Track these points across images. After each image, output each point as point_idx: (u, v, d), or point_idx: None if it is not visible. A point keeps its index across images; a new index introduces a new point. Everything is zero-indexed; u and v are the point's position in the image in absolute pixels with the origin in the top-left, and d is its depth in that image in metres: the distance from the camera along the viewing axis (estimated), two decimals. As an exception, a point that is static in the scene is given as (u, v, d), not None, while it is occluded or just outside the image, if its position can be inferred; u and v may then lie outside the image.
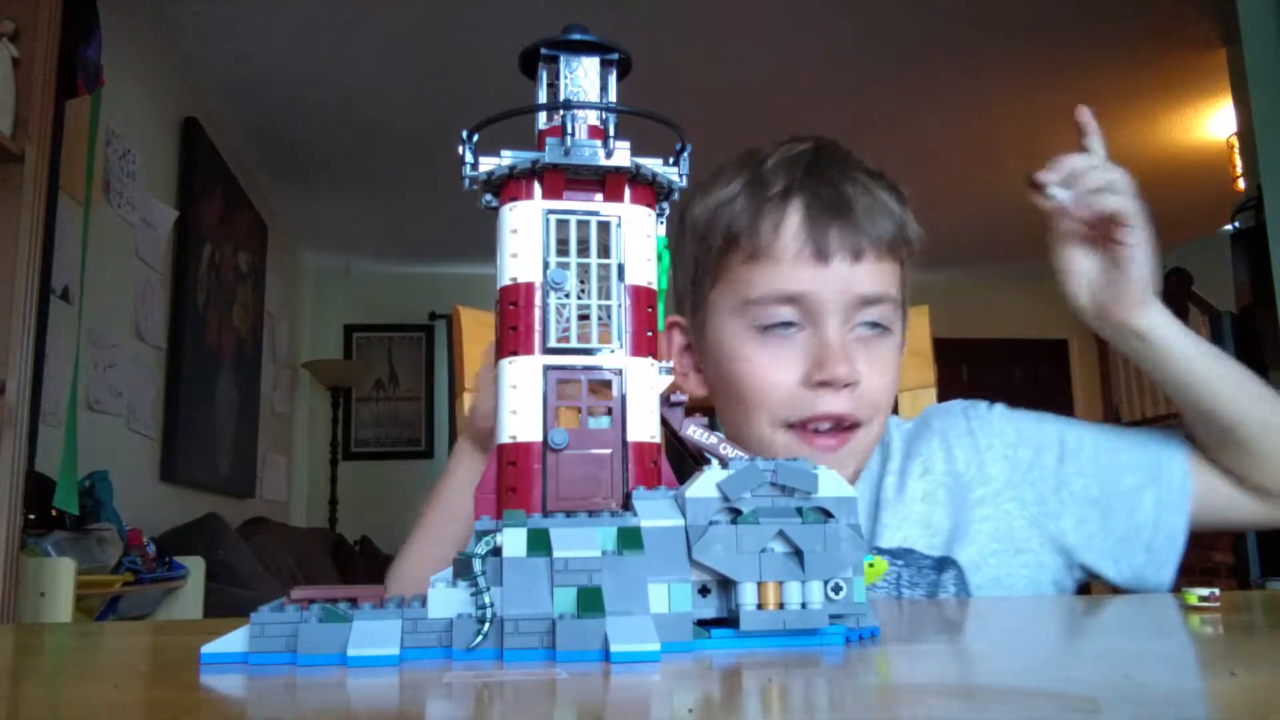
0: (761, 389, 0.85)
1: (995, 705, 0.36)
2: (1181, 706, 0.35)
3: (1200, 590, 0.64)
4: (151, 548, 2.38)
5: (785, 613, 0.46)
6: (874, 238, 0.84)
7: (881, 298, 0.86)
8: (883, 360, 0.87)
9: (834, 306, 0.84)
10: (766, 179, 0.87)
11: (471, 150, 0.52)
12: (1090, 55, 3.74)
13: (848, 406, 0.84)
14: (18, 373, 1.75)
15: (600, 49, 0.53)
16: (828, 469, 0.49)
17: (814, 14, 3.43)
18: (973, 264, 6.45)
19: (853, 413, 0.84)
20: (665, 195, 0.55)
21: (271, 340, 4.87)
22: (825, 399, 0.83)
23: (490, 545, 0.45)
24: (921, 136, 4.44)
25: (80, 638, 0.69)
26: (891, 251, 0.87)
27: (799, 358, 0.84)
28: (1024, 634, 0.61)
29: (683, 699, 0.37)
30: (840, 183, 0.86)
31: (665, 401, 0.53)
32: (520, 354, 0.50)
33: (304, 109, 4.05)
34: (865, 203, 0.85)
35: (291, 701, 0.39)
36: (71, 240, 2.37)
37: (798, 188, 0.85)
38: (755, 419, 0.86)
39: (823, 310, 0.83)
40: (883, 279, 0.86)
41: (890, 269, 0.87)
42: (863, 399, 0.84)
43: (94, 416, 2.75)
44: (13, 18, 1.82)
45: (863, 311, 0.85)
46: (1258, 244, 2.72)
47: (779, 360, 0.84)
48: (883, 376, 0.86)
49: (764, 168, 0.88)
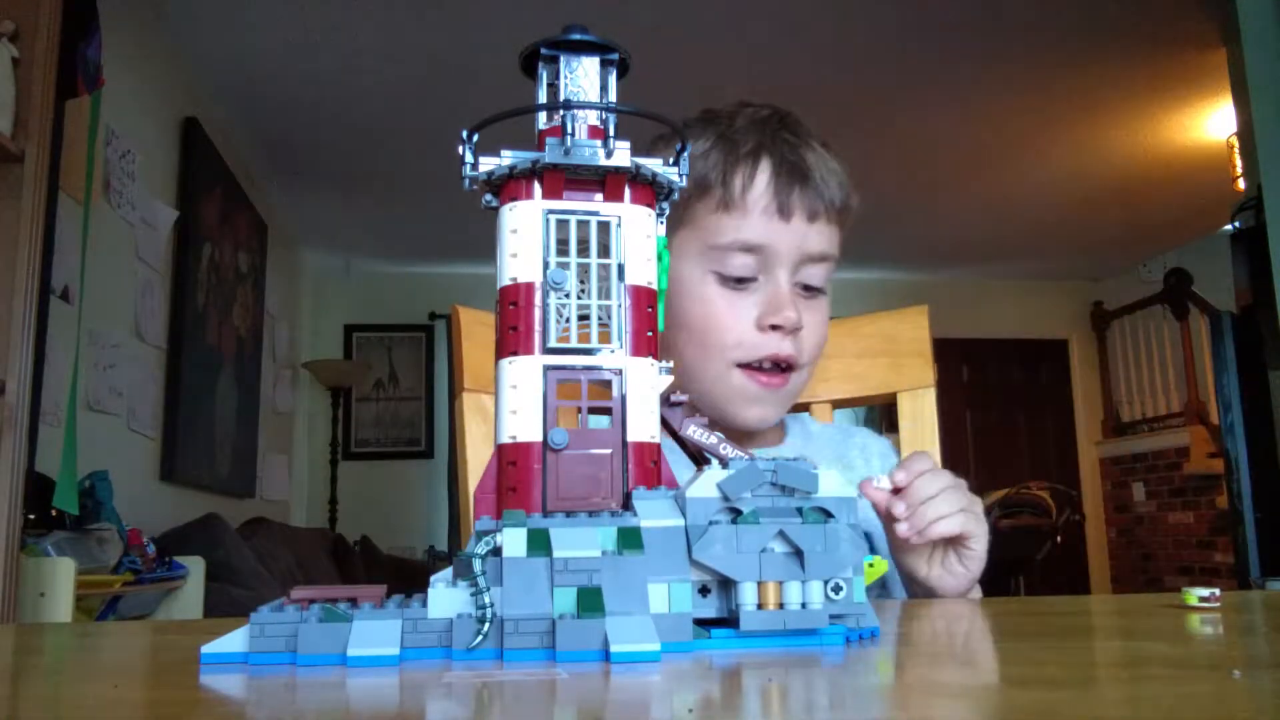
0: (719, 331, 0.94)
1: (994, 705, 0.36)
2: (1182, 707, 0.35)
3: (1200, 590, 0.64)
4: (151, 548, 2.38)
5: (785, 613, 0.46)
6: (827, 202, 0.95)
7: (826, 256, 0.96)
8: (818, 314, 0.98)
9: (787, 260, 0.94)
10: (737, 137, 0.96)
11: (471, 150, 0.52)
12: (1090, 55, 3.74)
13: (791, 349, 0.94)
14: (18, 373, 1.75)
15: (600, 49, 0.53)
16: (827, 470, 0.49)
17: (813, 14, 3.43)
18: (973, 264, 6.45)
19: (794, 355, 0.94)
20: (665, 195, 0.55)
21: (271, 340, 4.87)
22: (773, 341, 0.93)
23: (490, 545, 0.45)
24: (921, 136, 4.44)
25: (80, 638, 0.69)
26: (839, 216, 0.97)
27: (753, 304, 0.94)
28: (1023, 634, 0.61)
29: (683, 699, 0.37)
30: (802, 149, 0.96)
31: (665, 401, 0.53)
32: (520, 354, 0.50)
33: (304, 109, 4.05)
34: (822, 170, 0.95)
35: (291, 701, 0.39)
36: (71, 240, 2.37)
37: (766, 150, 0.95)
38: (711, 357, 0.95)
39: (778, 262, 0.94)
40: (829, 240, 0.96)
41: (835, 232, 0.97)
42: (801, 345, 0.95)
43: (94, 416, 2.75)
44: (13, 18, 1.82)
45: (809, 268, 0.95)
46: (1258, 244, 2.72)
47: (736, 306, 0.94)
48: (818, 329, 0.97)
49: (734, 127, 0.97)
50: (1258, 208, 2.75)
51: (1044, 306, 6.83)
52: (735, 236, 0.93)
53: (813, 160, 0.95)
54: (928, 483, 0.80)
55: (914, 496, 0.79)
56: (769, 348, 0.93)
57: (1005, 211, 5.45)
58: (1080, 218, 5.54)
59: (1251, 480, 2.99)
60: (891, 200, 5.12)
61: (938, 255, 6.26)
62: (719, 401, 0.96)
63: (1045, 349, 6.87)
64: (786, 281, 0.93)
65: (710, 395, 0.97)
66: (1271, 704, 0.35)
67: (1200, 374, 5.50)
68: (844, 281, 7.08)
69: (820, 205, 0.94)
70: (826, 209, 0.94)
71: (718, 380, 0.95)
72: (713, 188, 0.94)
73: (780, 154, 0.94)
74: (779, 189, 0.93)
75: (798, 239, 0.93)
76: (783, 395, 0.96)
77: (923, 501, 0.79)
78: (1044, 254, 6.26)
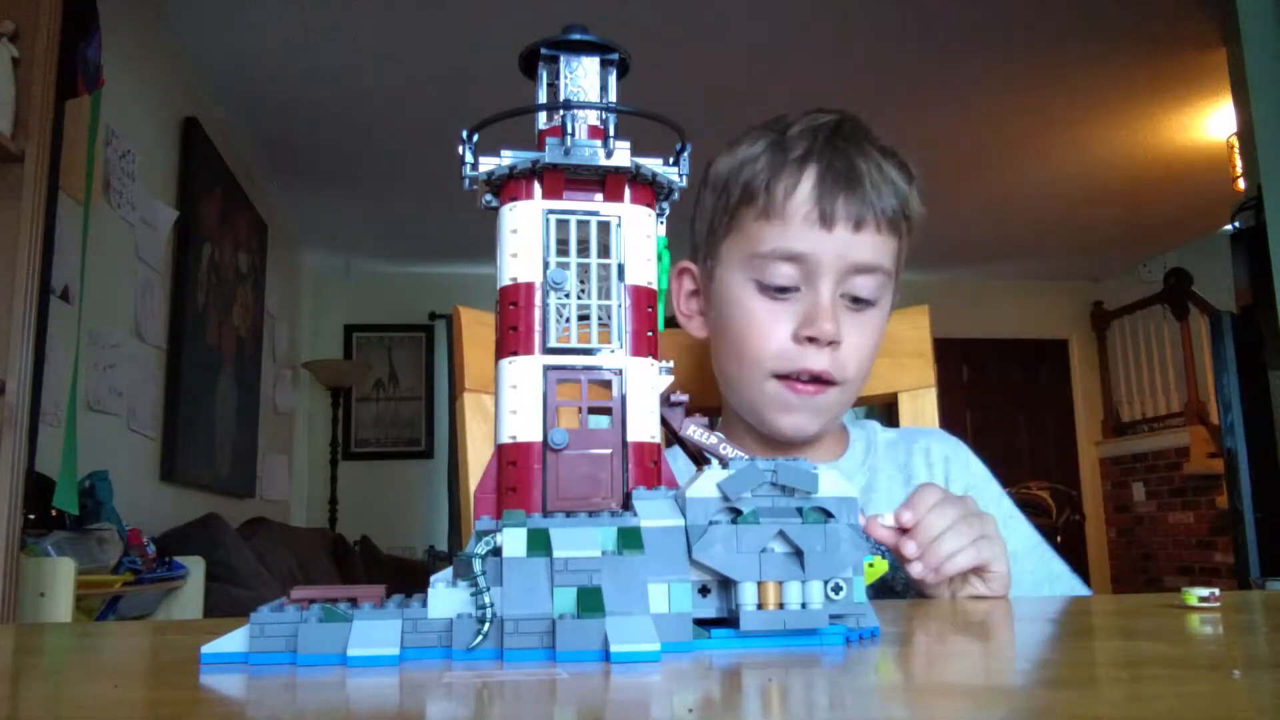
0: (758, 341, 0.92)
1: (994, 705, 0.36)
2: (1182, 707, 0.35)
3: (1200, 590, 0.64)
4: (151, 548, 2.38)
5: (785, 613, 0.46)
6: (877, 210, 0.91)
7: (875, 267, 0.92)
8: (865, 328, 0.94)
9: (830, 270, 0.90)
10: (789, 144, 0.93)
11: (471, 150, 0.52)
12: (1090, 55, 3.74)
13: (828, 364, 0.91)
14: (18, 373, 1.75)
15: (600, 49, 0.53)
16: (828, 470, 0.49)
17: (813, 14, 3.43)
18: (973, 264, 6.45)
19: (830, 370, 0.91)
20: (665, 195, 0.55)
21: (271, 340, 4.87)
22: (809, 354, 0.91)
23: (490, 545, 0.45)
24: (921, 136, 4.44)
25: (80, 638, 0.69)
26: (891, 226, 0.93)
27: (793, 315, 0.91)
28: (1023, 634, 0.61)
29: (683, 699, 0.37)
30: (854, 155, 0.92)
31: (665, 401, 0.53)
32: (520, 354, 0.50)
33: (304, 109, 4.05)
34: (873, 177, 0.91)
35: (291, 701, 0.38)
36: (71, 240, 2.37)
37: (815, 155, 0.92)
38: (748, 367, 0.93)
39: (820, 272, 0.90)
40: (879, 250, 0.92)
41: (888, 242, 0.93)
42: (841, 360, 0.92)
43: (94, 416, 2.75)
44: (13, 18, 1.82)
45: (856, 279, 0.92)
46: (1258, 244, 2.72)
47: (775, 316, 0.92)
48: (863, 342, 0.94)
49: (788, 133, 0.94)
50: (1258, 208, 2.75)
51: (1044, 306, 6.83)
52: (776, 245, 0.91)
53: (864, 167, 0.91)
54: (937, 518, 0.77)
55: (924, 535, 0.76)
56: (804, 360, 0.91)
57: (1005, 211, 5.45)
58: (1080, 218, 5.54)
59: (1251, 480, 2.99)
60: (891, 200, 5.10)
61: (938, 255, 6.25)
62: (758, 409, 0.95)
63: (1045, 349, 6.87)
64: (829, 293, 0.90)
65: (750, 404, 0.96)
66: (1271, 704, 0.35)
67: (1200, 374, 5.50)
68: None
69: (869, 213, 0.90)
70: (876, 218, 0.91)
71: (756, 389, 0.94)
72: (758, 195, 0.92)
73: (828, 161, 0.91)
74: (822, 196, 0.90)
75: (841, 248, 0.90)
76: (819, 405, 0.93)
77: (934, 539, 0.76)
78: (1044, 254, 6.26)
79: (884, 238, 0.92)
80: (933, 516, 0.77)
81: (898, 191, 0.93)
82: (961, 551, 0.76)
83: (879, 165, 0.92)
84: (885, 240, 0.93)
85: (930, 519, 0.77)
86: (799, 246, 0.90)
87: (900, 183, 0.94)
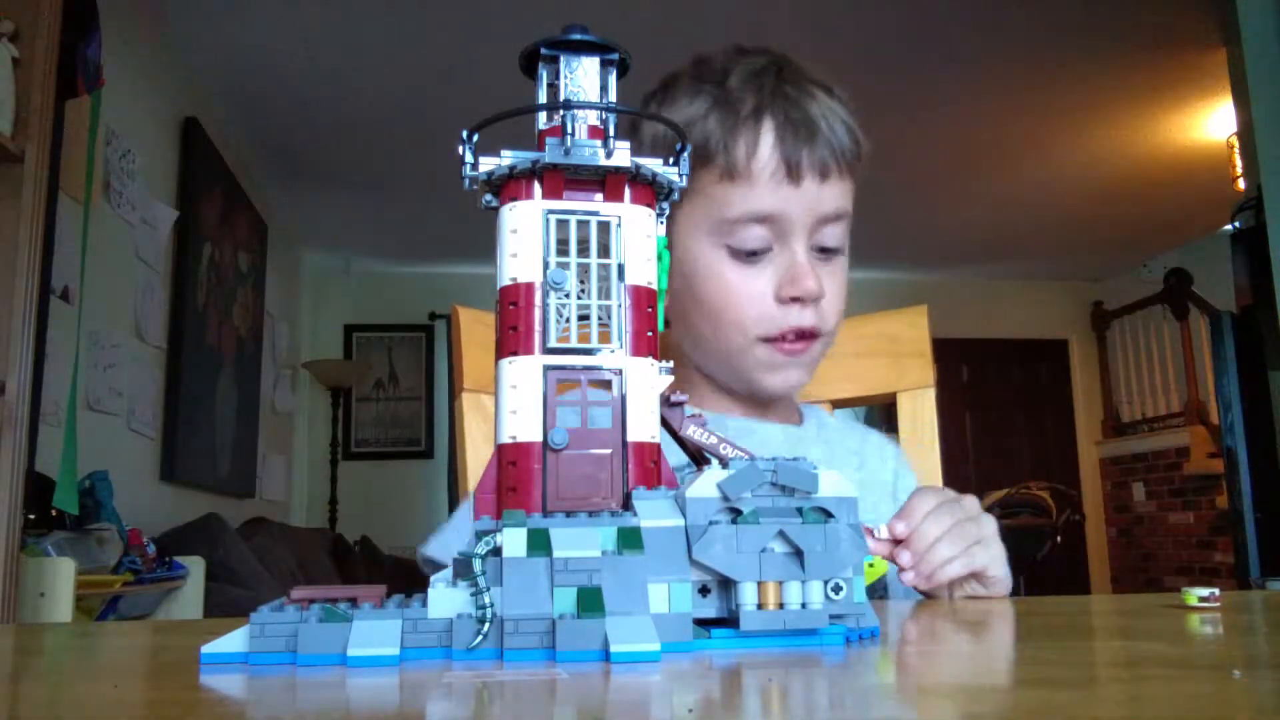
0: (738, 308, 0.91)
1: (994, 705, 0.36)
2: (1182, 707, 0.35)
3: (1200, 590, 0.64)
4: (151, 548, 2.38)
5: (785, 613, 0.46)
6: (838, 153, 0.90)
7: (842, 214, 0.92)
8: (836, 276, 0.94)
9: (802, 225, 0.89)
10: (734, 98, 0.90)
11: (471, 150, 0.52)
12: (1090, 55, 3.74)
13: (813, 319, 0.91)
14: (18, 373, 1.75)
15: (600, 49, 0.53)
16: (829, 472, 0.49)
17: (813, 14, 3.43)
18: (973, 264, 6.45)
19: (816, 325, 0.91)
20: (665, 195, 0.55)
21: (271, 340, 4.87)
22: (794, 313, 0.90)
23: (490, 545, 0.45)
24: (921, 136, 4.44)
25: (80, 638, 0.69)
26: (850, 168, 0.92)
27: (770, 276, 0.90)
28: (1023, 634, 0.61)
29: (683, 699, 0.37)
30: (806, 102, 0.90)
31: (665, 401, 0.53)
32: (520, 354, 0.50)
33: (304, 108, 4.05)
34: (829, 119, 0.90)
35: (291, 701, 0.39)
36: (71, 240, 2.37)
37: (768, 108, 0.89)
38: (730, 334, 0.92)
39: (792, 230, 0.89)
40: (844, 195, 0.92)
41: (848, 186, 0.93)
42: (823, 312, 0.92)
43: (94, 416, 2.75)
44: (13, 18, 1.82)
45: (825, 229, 0.91)
46: (1258, 244, 2.72)
47: (751, 281, 0.90)
48: (838, 292, 0.94)
49: (728, 85, 0.91)
50: (1258, 208, 2.75)
51: (1044, 306, 6.83)
52: (745, 208, 0.88)
53: (817, 111, 0.89)
54: (931, 525, 0.76)
55: (918, 544, 0.76)
56: (790, 320, 0.90)
57: (1005, 211, 5.45)
58: (1080, 218, 5.54)
59: (1251, 480, 2.99)
60: (892, 200, 5.12)
61: (938, 255, 6.26)
62: (743, 372, 0.94)
63: (1045, 349, 6.87)
64: (803, 249, 0.89)
65: (733, 367, 0.94)
66: (1271, 704, 0.35)
67: (1200, 374, 5.50)
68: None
69: (831, 159, 0.89)
70: (838, 162, 0.89)
71: (740, 353, 0.92)
72: (715, 156, 0.89)
73: (784, 112, 0.89)
74: (786, 151, 0.88)
75: (810, 201, 0.89)
76: (806, 360, 0.93)
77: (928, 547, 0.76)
78: (1044, 254, 6.26)
79: (845, 181, 0.92)
80: (927, 524, 0.76)
81: (850, 130, 0.91)
82: (955, 559, 0.76)
83: (829, 106, 0.91)
84: (847, 183, 0.92)
85: (925, 527, 0.76)
86: (769, 206, 0.88)
87: (848, 117, 0.92)
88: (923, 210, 5.38)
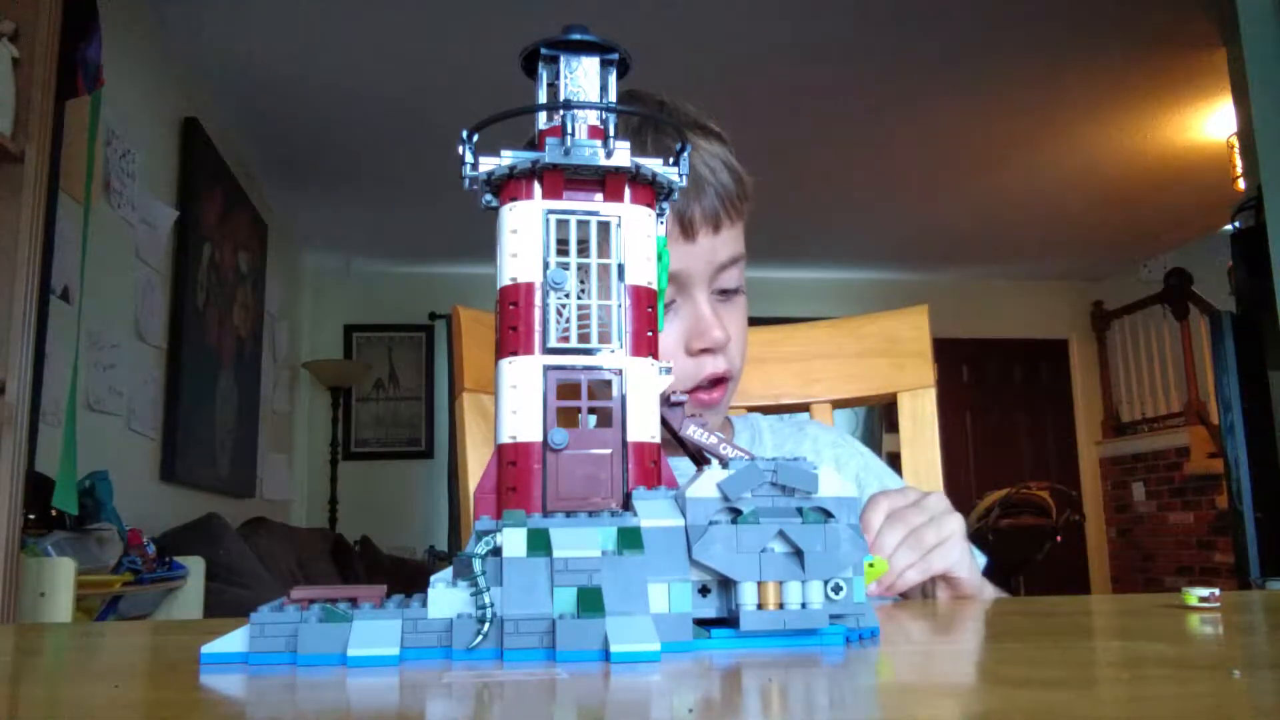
0: None
1: (994, 705, 0.36)
2: (1182, 707, 0.35)
3: (1200, 590, 0.64)
4: (151, 548, 2.38)
5: (785, 613, 0.46)
6: (725, 199, 0.90)
7: (737, 258, 0.93)
8: (737, 319, 0.96)
9: (701, 277, 0.91)
10: None
11: (471, 150, 0.52)
12: (1090, 55, 3.75)
13: (724, 365, 0.93)
14: (18, 373, 1.75)
15: (600, 49, 0.53)
16: (828, 470, 0.49)
17: (813, 14, 3.43)
18: (973, 264, 6.45)
19: (728, 370, 0.93)
20: (665, 195, 0.55)
21: (271, 340, 4.87)
22: (707, 363, 0.92)
23: (490, 545, 0.45)
24: (921, 136, 4.44)
25: (80, 638, 0.69)
26: (738, 210, 0.93)
27: (678, 329, 0.91)
28: (1023, 634, 0.61)
29: (683, 699, 0.37)
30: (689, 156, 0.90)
31: (665, 401, 0.53)
32: (520, 354, 0.50)
33: (304, 109, 4.05)
34: (711, 165, 0.90)
35: (291, 701, 0.39)
36: (71, 240, 2.37)
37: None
38: None
39: (692, 283, 0.91)
40: (736, 240, 0.93)
41: (738, 228, 0.94)
42: (730, 355, 0.93)
43: (94, 416, 2.75)
44: (13, 18, 1.82)
45: (723, 275, 0.93)
46: (1258, 244, 2.72)
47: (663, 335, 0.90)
48: (740, 330, 0.96)
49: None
50: (1258, 208, 2.75)
51: (1044, 306, 6.83)
52: None
53: (698, 161, 0.89)
54: (886, 536, 0.77)
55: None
56: (705, 370, 0.91)
57: (1005, 211, 5.45)
58: (1080, 218, 5.54)
59: (1251, 480, 2.99)
60: (891, 200, 5.12)
61: (938, 255, 6.25)
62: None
63: (1045, 349, 6.87)
64: (705, 299, 0.91)
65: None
66: (1271, 704, 0.35)
67: (1200, 374, 5.50)
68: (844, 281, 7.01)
69: (720, 208, 0.89)
70: (727, 209, 0.90)
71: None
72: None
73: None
74: (677, 210, 0.87)
75: (707, 254, 0.90)
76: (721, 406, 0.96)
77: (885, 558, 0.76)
78: (1044, 254, 6.26)
79: (736, 225, 0.93)
80: (882, 535, 0.77)
81: (731, 169, 0.91)
82: (913, 567, 0.77)
83: (709, 151, 0.90)
84: (737, 226, 0.93)
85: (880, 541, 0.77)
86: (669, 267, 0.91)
87: (728, 156, 0.92)
88: (923, 210, 5.38)
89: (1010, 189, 5.11)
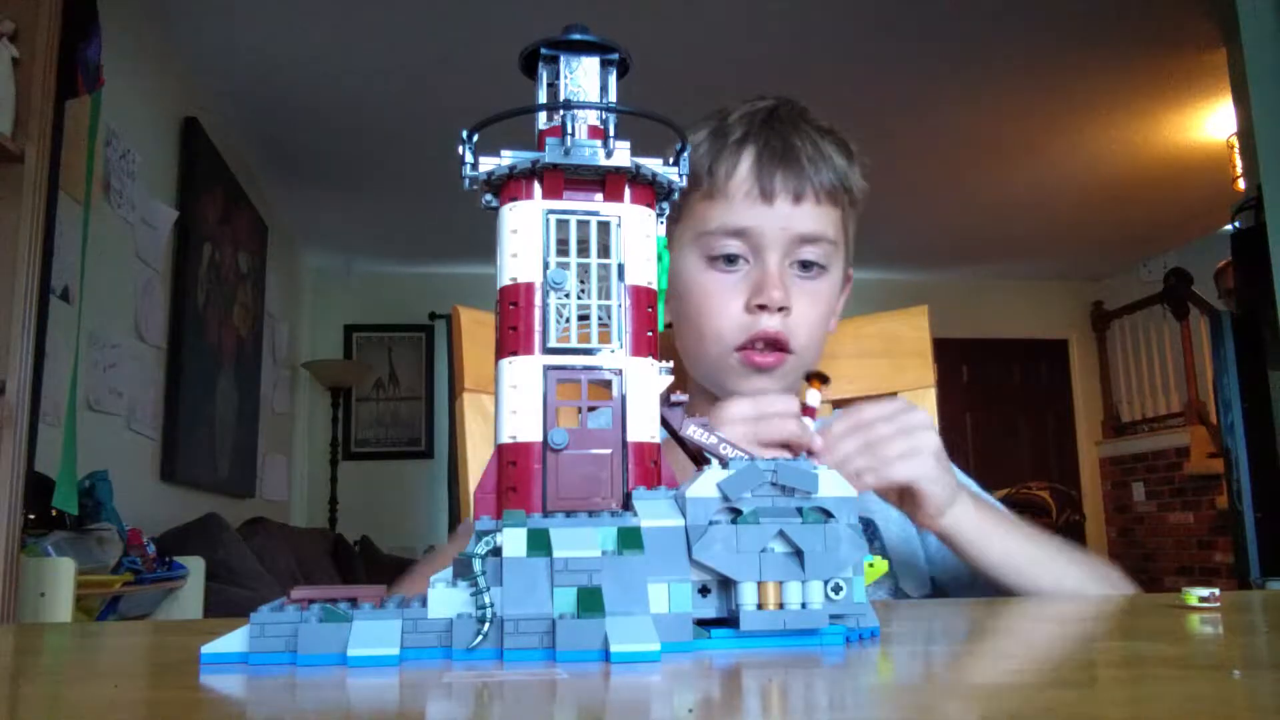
0: (713, 316, 0.97)
1: (995, 705, 0.36)
2: (1182, 707, 0.35)
3: (1200, 590, 0.64)
4: (151, 548, 2.38)
5: (785, 613, 0.46)
6: (815, 183, 0.95)
7: (818, 237, 0.96)
8: (815, 295, 0.98)
9: (774, 242, 0.95)
10: (728, 129, 0.98)
11: (471, 150, 0.52)
12: (1090, 55, 3.75)
13: (780, 327, 0.95)
14: (18, 373, 1.75)
15: (600, 49, 0.53)
16: (827, 470, 0.49)
17: (813, 14, 3.43)
18: (973, 264, 6.45)
19: (784, 333, 0.95)
20: (665, 195, 0.55)
21: (271, 340, 4.87)
22: (761, 320, 0.94)
23: (490, 545, 0.45)
24: (922, 136, 4.44)
25: (80, 638, 0.69)
26: (831, 197, 0.97)
27: (743, 287, 0.95)
28: (1023, 634, 0.61)
29: (683, 699, 0.37)
30: (790, 135, 0.97)
31: (665, 401, 0.53)
32: (520, 354, 0.50)
33: (304, 109, 4.05)
34: (809, 152, 0.96)
35: (291, 701, 0.39)
36: (71, 240, 2.37)
37: (752, 137, 0.97)
38: (709, 342, 0.98)
39: (764, 244, 0.95)
40: (821, 220, 0.96)
41: (829, 213, 0.97)
42: (793, 325, 0.95)
43: (94, 416, 2.75)
44: (13, 18, 1.82)
45: (801, 249, 0.96)
46: (1258, 244, 2.72)
47: (727, 289, 0.96)
48: (814, 309, 0.98)
49: (728, 120, 0.99)
50: (1258, 208, 2.75)
51: (1044, 306, 6.83)
52: (721, 222, 0.95)
53: (800, 144, 0.96)
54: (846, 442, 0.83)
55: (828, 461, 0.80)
56: (758, 325, 0.95)
57: (1005, 211, 5.45)
58: (1080, 218, 5.54)
59: (1251, 480, 2.99)
60: (892, 200, 5.12)
61: (938, 255, 6.26)
62: (723, 381, 0.98)
63: (1045, 349, 6.87)
64: (776, 263, 0.95)
65: (714, 376, 1.00)
66: (1271, 704, 0.35)
67: (1200, 374, 5.50)
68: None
69: (806, 186, 0.95)
70: (815, 190, 0.95)
71: (719, 362, 0.98)
72: (702, 179, 0.97)
73: (765, 140, 0.96)
74: (760, 173, 0.94)
75: (783, 220, 0.95)
76: (778, 375, 0.97)
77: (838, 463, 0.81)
78: (1044, 254, 6.26)
79: (824, 209, 0.96)
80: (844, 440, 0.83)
81: (835, 166, 0.97)
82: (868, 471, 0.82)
83: (815, 142, 0.97)
84: (826, 211, 0.97)
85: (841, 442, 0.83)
86: (742, 221, 0.95)
87: (837, 158, 0.98)
88: (923, 210, 5.37)
89: (1010, 189, 5.11)
